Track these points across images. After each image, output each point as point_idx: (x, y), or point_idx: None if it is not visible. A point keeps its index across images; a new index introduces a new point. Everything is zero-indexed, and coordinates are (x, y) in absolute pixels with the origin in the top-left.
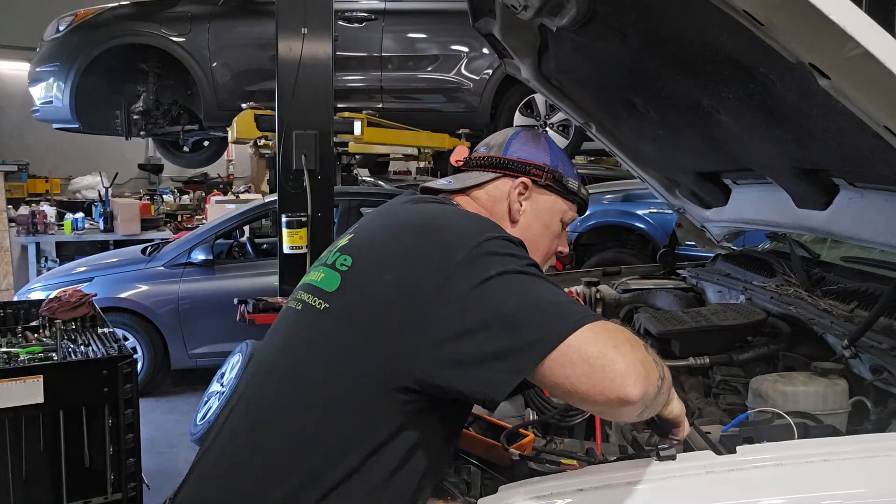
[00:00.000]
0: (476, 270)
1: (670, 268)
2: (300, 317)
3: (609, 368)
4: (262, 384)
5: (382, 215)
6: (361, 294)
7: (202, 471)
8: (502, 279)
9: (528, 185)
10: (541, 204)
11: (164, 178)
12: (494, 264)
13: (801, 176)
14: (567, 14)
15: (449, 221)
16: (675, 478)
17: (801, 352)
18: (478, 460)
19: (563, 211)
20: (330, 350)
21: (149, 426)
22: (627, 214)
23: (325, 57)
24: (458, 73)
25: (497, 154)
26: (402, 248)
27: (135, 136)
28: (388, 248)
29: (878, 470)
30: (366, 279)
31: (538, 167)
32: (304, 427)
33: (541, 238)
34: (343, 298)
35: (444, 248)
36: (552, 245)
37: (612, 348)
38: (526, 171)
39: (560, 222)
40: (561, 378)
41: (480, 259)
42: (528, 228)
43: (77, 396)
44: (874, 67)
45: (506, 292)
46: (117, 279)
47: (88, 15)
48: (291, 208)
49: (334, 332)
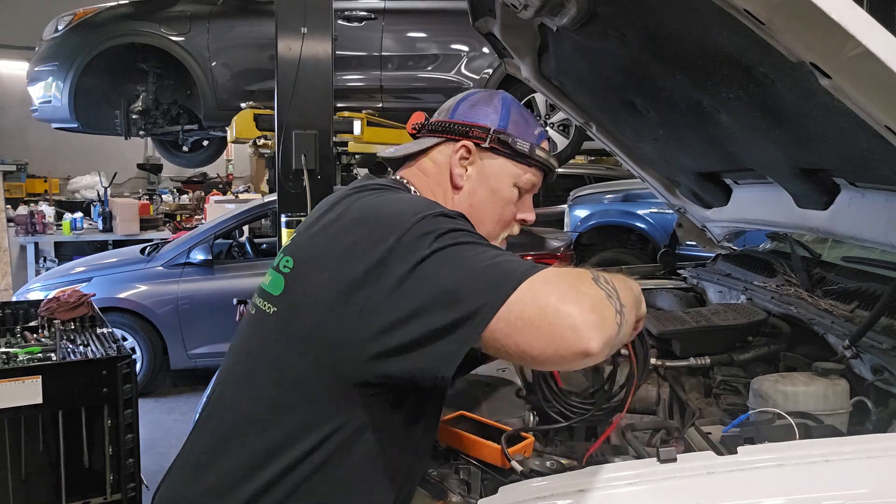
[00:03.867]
0: (409, 254)
1: (671, 268)
2: (253, 321)
3: (558, 326)
4: (223, 388)
5: (322, 210)
6: (304, 295)
7: (176, 468)
8: (436, 256)
9: (470, 150)
10: (486, 168)
11: (164, 177)
12: (427, 243)
13: (802, 176)
14: (567, 14)
15: (381, 211)
16: (676, 478)
17: (802, 352)
18: (477, 461)
19: (514, 175)
20: (280, 353)
21: (148, 426)
22: (627, 214)
23: (325, 56)
24: (458, 72)
25: (444, 118)
26: (338, 246)
27: (134, 135)
28: (324, 246)
29: (879, 470)
30: (305, 281)
31: (482, 128)
32: (258, 431)
33: (488, 204)
34: (287, 301)
35: (377, 238)
36: (505, 212)
37: (556, 302)
38: (467, 134)
39: (514, 187)
40: (510, 345)
41: (412, 242)
42: (472, 194)
43: (76, 397)
44: (875, 67)
45: (442, 268)
46: (116, 279)
47: (87, 14)
48: (291, 208)
49: (282, 336)
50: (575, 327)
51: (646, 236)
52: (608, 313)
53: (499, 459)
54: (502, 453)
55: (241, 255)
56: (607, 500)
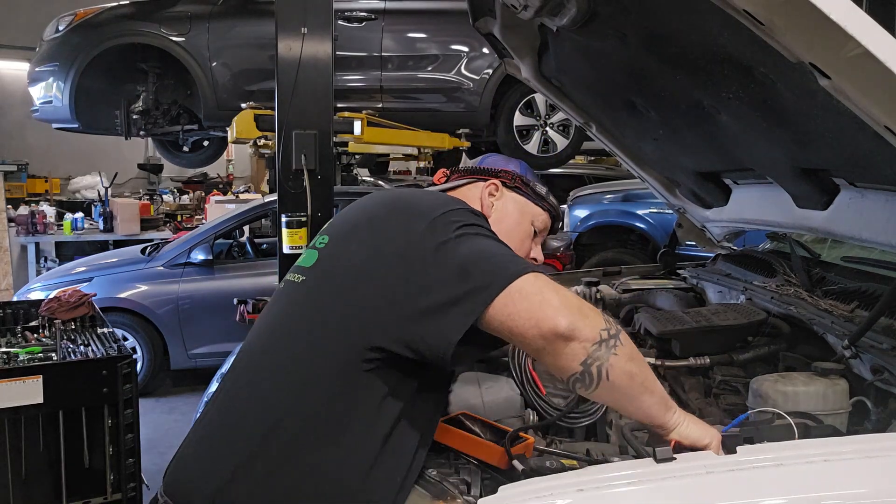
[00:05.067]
0: (437, 235)
1: (670, 268)
2: (282, 294)
3: (543, 302)
4: (239, 360)
5: (360, 200)
6: (334, 263)
7: (183, 448)
8: (459, 240)
9: (498, 186)
10: (511, 203)
11: (164, 177)
12: (452, 230)
13: (802, 176)
14: (567, 14)
15: (416, 196)
16: (676, 478)
17: (802, 352)
18: (477, 461)
19: (532, 213)
20: (298, 314)
21: (148, 426)
22: (627, 214)
23: (325, 57)
24: (458, 72)
25: (472, 167)
26: (372, 221)
27: (134, 135)
28: (359, 222)
29: (879, 470)
30: (337, 250)
31: (507, 172)
32: (269, 396)
33: (512, 233)
34: (318, 269)
35: (409, 218)
36: (523, 244)
37: (550, 290)
38: (496, 175)
39: (531, 225)
40: (505, 316)
41: (442, 227)
42: (498, 223)
43: (76, 396)
44: (874, 67)
45: (461, 249)
46: (117, 279)
47: (88, 15)
48: (291, 208)
49: (304, 299)
50: (556, 307)
51: (646, 236)
52: (592, 316)
53: (499, 459)
54: (505, 453)
55: (241, 255)
56: (607, 499)
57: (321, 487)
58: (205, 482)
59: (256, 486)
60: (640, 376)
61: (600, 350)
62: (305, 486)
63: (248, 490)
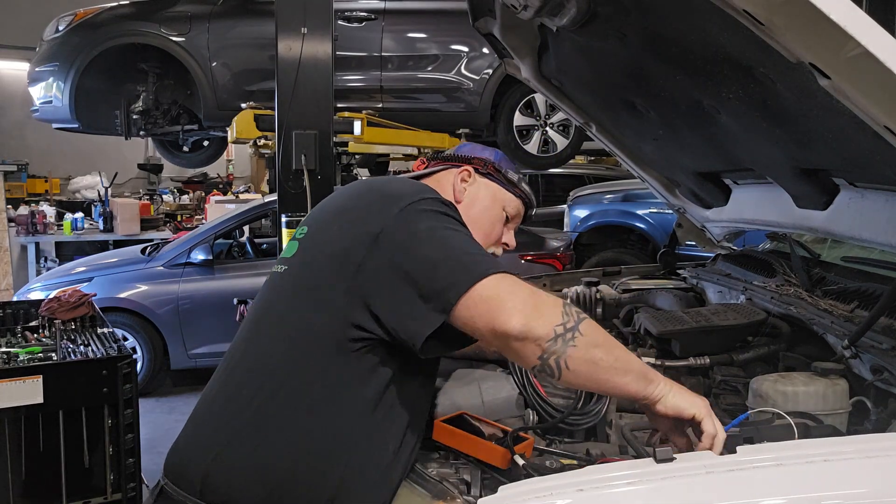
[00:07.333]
0: (409, 223)
1: (670, 268)
2: (266, 286)
3: (498, 303)
4: (232, 350)
5: (338, 190)
6: (314, 251)
7: (180, 436)
8: (429, 232)
9: (471, 173)
10: (483, 189)
11: (164, 177)
12: (424, 219)
13: (802, 176)
14: (567, 14)
15: (391, 183)
16: (676, 478)
17: (802, 352)
18: (477, 461)
19: (504, 199)
20: (287, 306)
21: (148, 426)
22: (627, 214)
23: (325, 57)
24: (458, 72)
25: (448, 154)
26: (347, 208)
27: (134, 135)
28: (336, 210)
29: (879, 470)
30: (317, 238)
31: (480, 159)
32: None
33: (482, 219)
34: (298, 258)
35: (384, 202)
36: (494, 229)
37: (507, 291)
38: (469, 162)
39: (502, 210)
40: (467, 318)
41: (414, 214)
42: (469, 207)
43: (76, 396)
44: (874, 67)
45: (432, 243)
46: (117, 279)
47: (88, 15)
48: (291, 208)
49: (288, 286)
50: (509, 308)
51: (646, 236)
52: (548, 313)
53: (499, 459)
54: (507, 452)
55: (241, 255)
56: (607, 499)
57: (312, 453)
58: (201, 453)
59: (249, 452)
60: (608, 360)
61: (556, 345)
62: (298, 451)
63: (241, 455)
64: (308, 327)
